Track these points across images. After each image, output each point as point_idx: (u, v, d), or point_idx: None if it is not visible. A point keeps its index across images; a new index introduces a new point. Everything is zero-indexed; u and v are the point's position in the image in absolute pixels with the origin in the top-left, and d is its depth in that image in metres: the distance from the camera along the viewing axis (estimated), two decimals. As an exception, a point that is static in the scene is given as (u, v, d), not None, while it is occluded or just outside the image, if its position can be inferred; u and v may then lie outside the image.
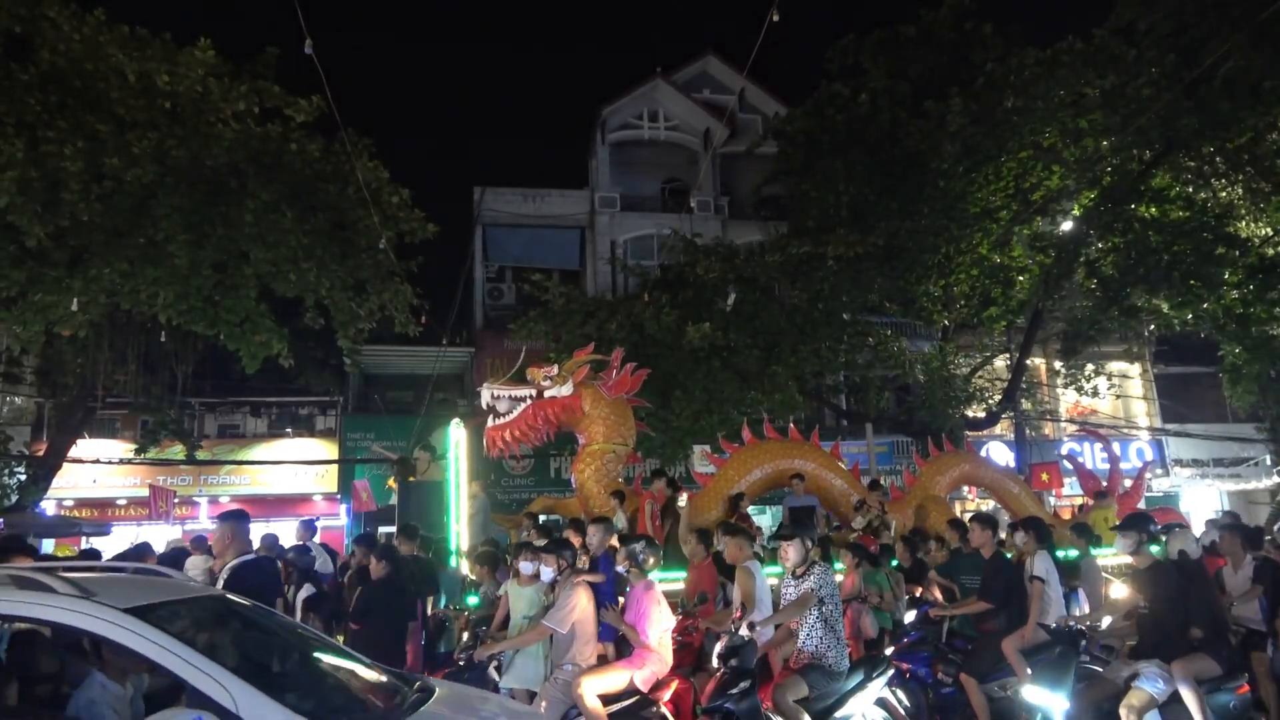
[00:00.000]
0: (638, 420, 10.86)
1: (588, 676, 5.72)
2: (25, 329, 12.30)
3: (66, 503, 19.54)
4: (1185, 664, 5.50)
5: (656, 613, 6.03)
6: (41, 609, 3.29)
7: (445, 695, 4.10)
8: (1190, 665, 5.49)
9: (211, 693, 3.09)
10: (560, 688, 5.80)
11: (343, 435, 21.53)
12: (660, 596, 6.22)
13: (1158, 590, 5.82)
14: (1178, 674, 5.48)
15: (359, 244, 14.22)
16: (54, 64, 11.97)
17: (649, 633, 5.91)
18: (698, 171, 23.25)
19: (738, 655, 5.70)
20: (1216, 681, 5.52)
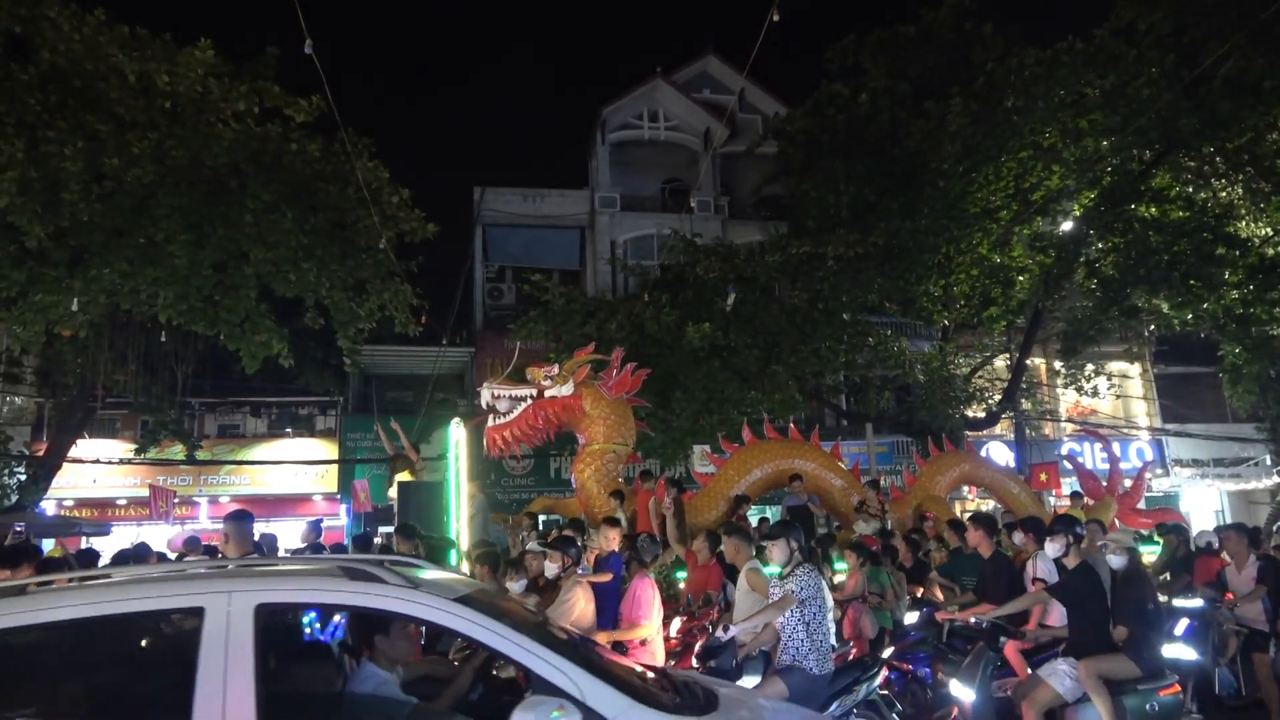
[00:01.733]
0: (638, 420, 10.88)
1: None
2: (25, 329, 12.29)
3: (66, 503, 19.52)
4: (1092, 663, 5.52)
5: (653, 606, 6.03)
6: (378, 599, 3.40)
7: (729, 692, 4.11)
8: (1097, 664, 5.52)
9: (555, 679, 3.15)
10: None
11: (343, 435, 21.52)
12: (656, 592, 6.23)
13: (1078, 591, 5.90)
14: (1082, 673, 5.52)
15: (359, 244, 14.21)
16: (54, 64, 11.96)
17: (646, 623, 5.93)
18: (698, 171, 23.25)
19: (715, 656, 5.69)
20: (1134, 682, 5.53)
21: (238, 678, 3.01)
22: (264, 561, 5.14)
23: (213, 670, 3.02)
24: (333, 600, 3.60)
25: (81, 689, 3.55)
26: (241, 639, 3.08)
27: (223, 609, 3.14)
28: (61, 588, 3.60)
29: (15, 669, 3.42)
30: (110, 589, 3.50)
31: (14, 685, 3.37)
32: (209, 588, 3.29)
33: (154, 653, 3.77)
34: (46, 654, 3.47)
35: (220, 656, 3.04)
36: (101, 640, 3.46)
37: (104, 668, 3.59)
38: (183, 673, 3.07)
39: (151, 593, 3.40)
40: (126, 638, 3.61)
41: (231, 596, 3.19)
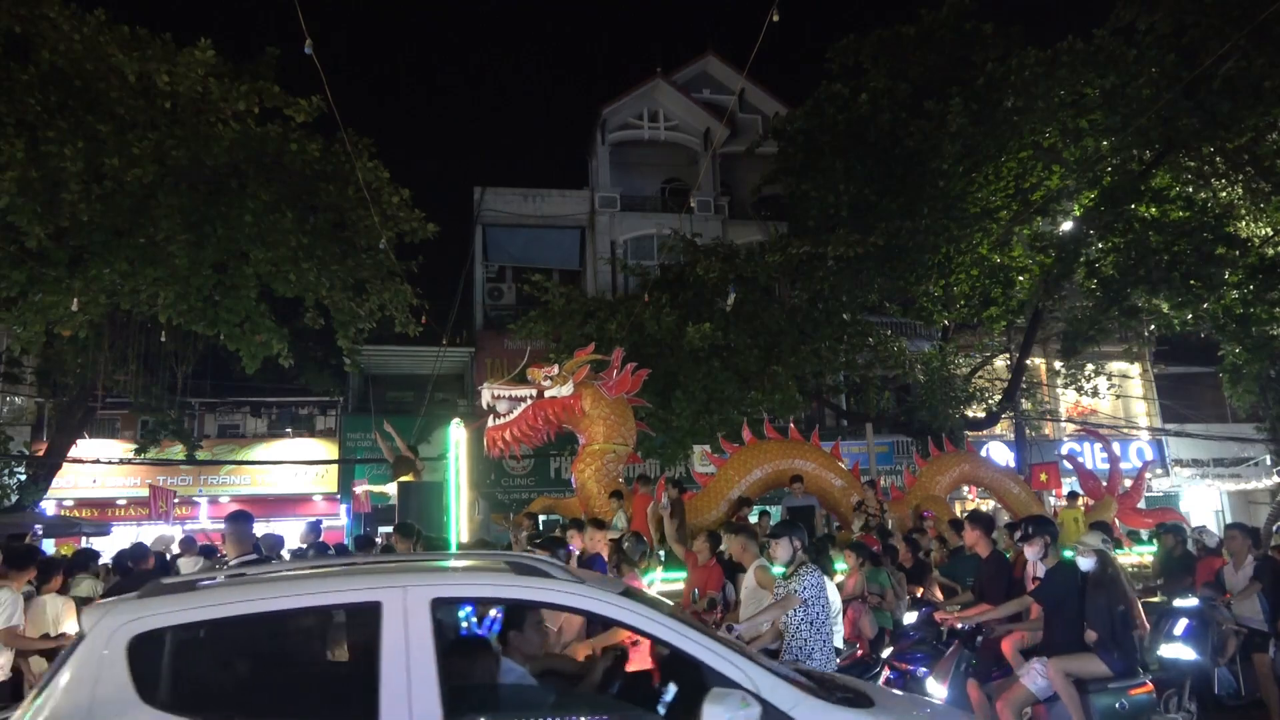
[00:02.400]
0: (638, 420, 10.87)
1: None
2: (26, 329, 12.29)
3: (67, 503, 19.52)
4: (1062, 662, 5.58)
5: None
6: (547, 593, 3.52)
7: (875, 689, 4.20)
8: (1067, 663, 5.58)
9: (729, 672, 3.20)
10: None
11: (343, 435, 21.52)
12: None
13: (1054, 591, 5.97)
14: (1051, 671, 5.59)
15: (359, 244, 14.22)
16: (54, 64, 11.95)
17: None
18: (698, 171, 23.24)
19: None
20: (1104, 682, 5.58)
21: (420, 670, 3.10)
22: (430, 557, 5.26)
23: (395, 662, 3.11)
24: (504, 594, 3.73)
25: (271, 679, 3.68)
26: (420, 632, 3.17)
27: (399, 603, 3.22)
28: (241, 582, 3.69)
29: (211, 659, 3.55)
30: (291, 584, 3.61)
31: (211, 674, 3.52)
32: (384, 582, 3.40)
33: (335, 645, 3.89)
34: (237, 645, 3.59)
35: (401, 649, 3.12)
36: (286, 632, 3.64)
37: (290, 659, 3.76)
38: (365, 665, 3.18)
39: (330, 587, 3.50)
40: (308, 630, 3.77)
41: (407, 591, 3.28)
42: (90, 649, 3.14)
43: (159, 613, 3.25)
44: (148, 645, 3.16)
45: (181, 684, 3.23)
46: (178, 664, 3.25)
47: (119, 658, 3.10)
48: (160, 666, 3.19)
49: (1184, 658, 7.22)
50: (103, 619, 3.20)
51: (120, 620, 3.18)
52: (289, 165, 13.21)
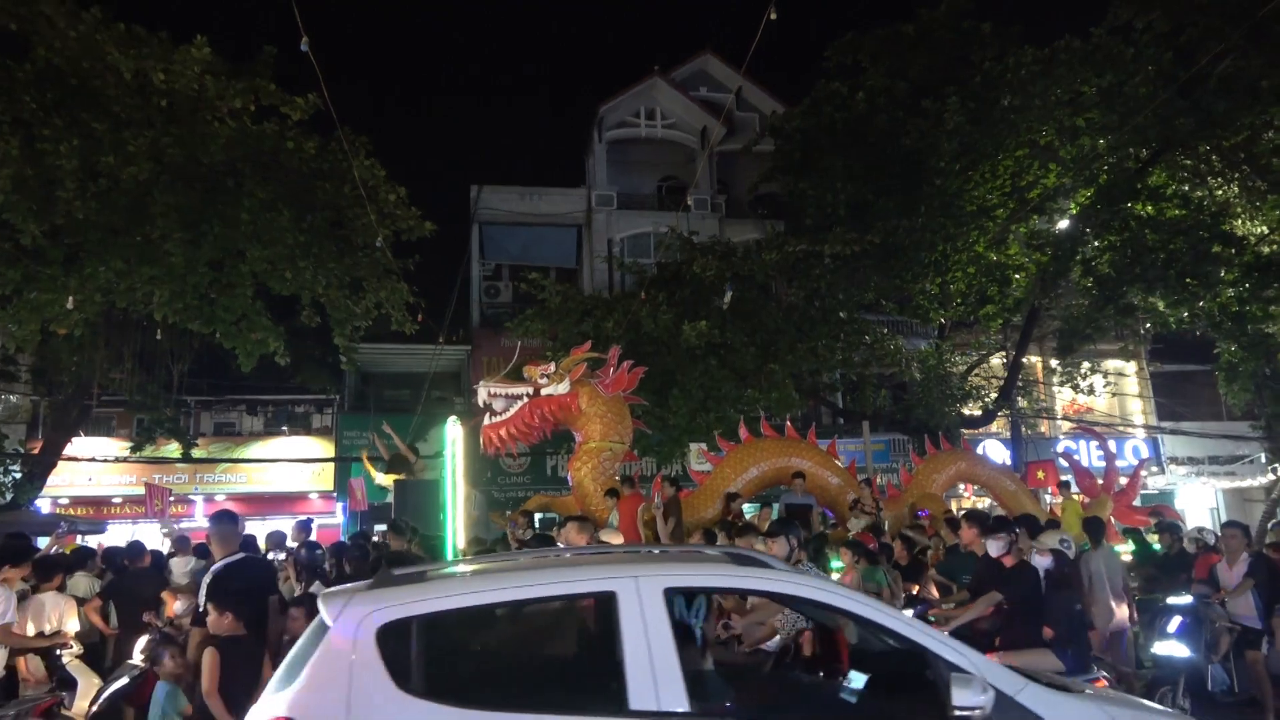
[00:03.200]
0: (635, 418, 10.87)
1: None
2: (21, 327, 12.28)
3: (62, 501, 19.50)
4: (1010, 656, 5.59)
5: None
6: (770, 583, 3.68)
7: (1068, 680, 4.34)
8: (1016, 658, 5.57)
9: (954, 659, 3.32)
10: None
11: (339, 433, 21.51)
12: None
13: (1015, 589, 6.07)
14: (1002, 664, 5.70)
15: (356, 242, 14.21)
16: (50, 61, 11.92)
17: None
18: (695, 170, 23.20)
19: None
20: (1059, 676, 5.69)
21: (662, 656, 3.21)
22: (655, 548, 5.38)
23: (637, 650, 3.22)
24: (732, 585, 3.90)
25: (516, 666, 3.85)
26: (657, 620, 3.28)
27: (634, 592, 3.34)
28: (478, 573, 3.83)
29: (458, 647, 3.73)
30: (527, 574, 3.74)
31: (460, 662, 3.68)
32: (617, 573, 3.52)
33: (575, 632, 4.03)
34: (480, 633, 3.77)
35: (641, 637, 3.24)
36: (525, 621, 3.79)
37: (531, 647, 3.92)
38: (606, 652, 3.31)
39: (564, 578, 3.67)
40: (544, 619, 3.92)
41: (640, 581, 3.40)
42: (337, 639, 3.26)
43: (402, 603, 3.39)
44: (395, 634, 3.28)
45: (433, 671, 3.33)
46: (428, 652, 3.34)
47: (369, 647, 3.22)
48: (410, 655, 3.30)
49: (1178, 655, 7.25)
50: (345, 610, 3.32)
51: (364, 611, 3.31)
52: (286, 163, 13.21)
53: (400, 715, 3.15)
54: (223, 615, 5.07)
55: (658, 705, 3.12)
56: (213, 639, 5.01)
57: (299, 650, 3.50)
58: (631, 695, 3.13)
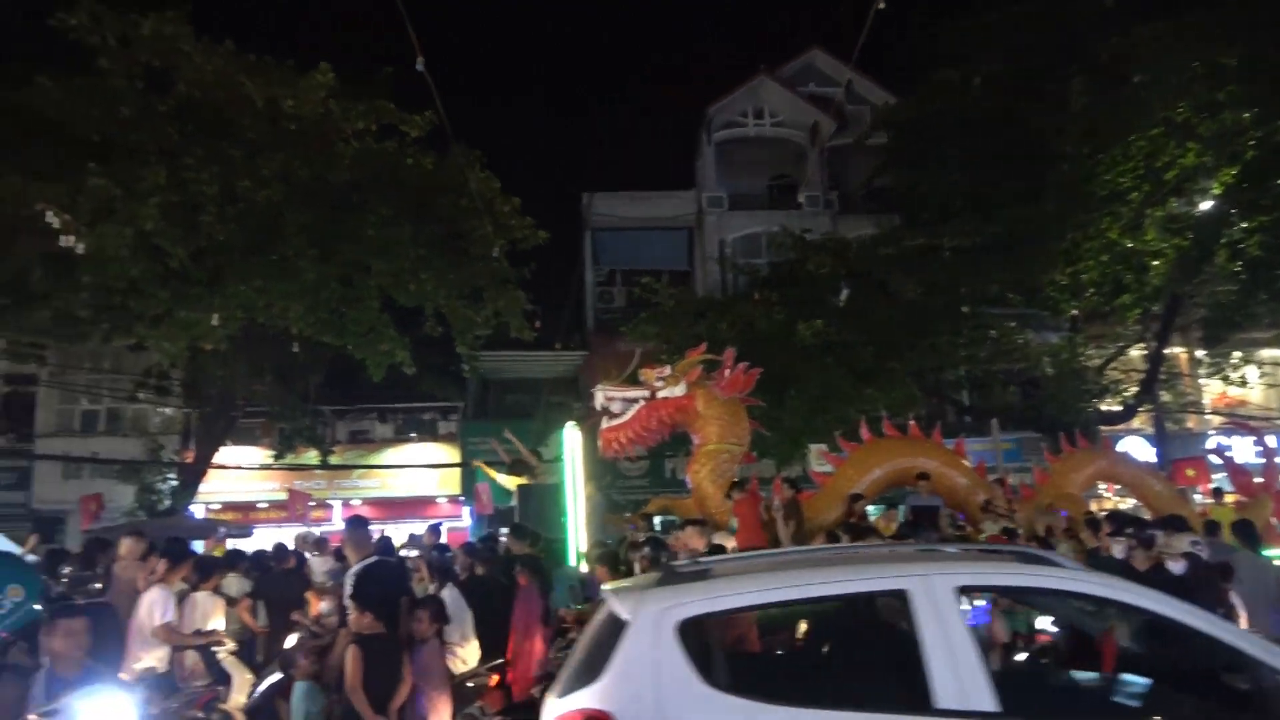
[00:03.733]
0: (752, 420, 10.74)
1: None
2: (172, 345, 13.16)
3: (213, 506, 20.70)
4: None
5: None
6: (1063, 582, 3.63)
7: None
8: None
9: (1268, 660, 3.27)
10: None
11: (464, 439, 22.13)
12: None
13: None
14: None
15: (473, 253, 14.63)
16: (190, 95, 12.75)
17: None
18: (805, 166, 22.83)
19: None
20: None
21: (963, 655, 3.21)
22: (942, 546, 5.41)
23: (937, 649, 3.22)
24: (1023, 583, 3.82)
25: (814, 663, 3.90)
26: (952, 619, 3.29)
27: (925, 591, 3.34)
28: (767, 570, 3.88)
29: (756, 643, 3.80)
30: (816, 571, 3.79)
31: (759, 658, 3.78)
32: (906, 570, 3.55)
33: (867, 630, 4.03)
34: (776, 629, 3.88)
35: (939, 636, 3.24)
36: (816, 618, 3.84)
37: (825, 644, 3.93)
38: (903, 651, 3.31)
39: (854, 575, 3.70)
40: (834, 616, 3.95)
41: (931, 579, 3.40)
42: (639, 635, 3.33)
43: (698, 599, 3.45)
44: (695, 630, 3.36)
45: (736, 666, 3.43)
46: (728, 647, 3.46)
47: (671, 642, 3.29)
48: (712, 650, 3.40)
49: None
50: (642, 607, 3.41)
51: (660, 607, 3.39)
52: (405, 179, 13.72)
53: (709, 709, 3.20)
54: (363, 614, 5.28)
55: (964, 704, 3.08)
56: (355, 637, 5.23)
57: (590, 646, 3.61)
58: (936, 694, 3.11)
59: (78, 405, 21.00)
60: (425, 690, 5.69)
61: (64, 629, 4.13)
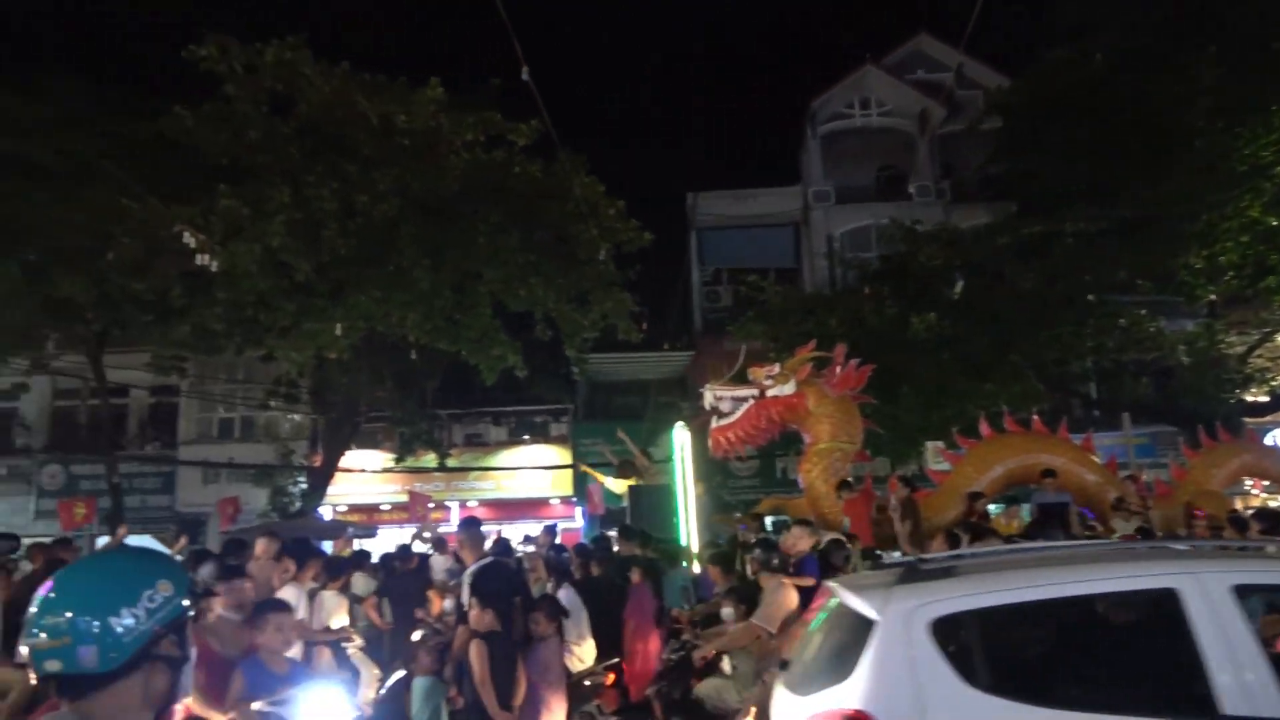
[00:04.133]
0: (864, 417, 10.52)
1: None
2: (299, 354, 13.84)
3: (340, 508, 21.61)
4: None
5: None
6: None
7: None
8: None
9: None
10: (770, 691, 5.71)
11: (575, 441, 22.44)
12: None
13: None
14: None
15: (580, 257, 14.83)
16: (310, 116, 13.39)
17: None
18: (914, 156, 22.23)
19: None
20: None
21: (1248, 658, 3.08)
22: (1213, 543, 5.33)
23: (1218, 651, 3.10)
24: None
25: (1080, 665, 3.79)
26: (1231, 620, 3.16)
27: (1197, 589, 3.22)
28: (1020, 567, 3.85)
29: (1017, 643, 3.74)
30: (1074, 569, 3.74)
31: (1022, 659, 3.70)
32: (1174, 569, 3.47)
33: (1131, 630, 3.90)
34: (1037, 629, 3.79)
35: (1219, 637, 3.12)
36: (1078, 617, 3.76)
37: (1088, 644, 3.83)
38: (1176, 652, 3.20)
39: (1114, 573, 3.62)
40: (1096, 615, 3.84)
41: (1203, 577, 3.30)
42: (890, 634, 3.32)
43: (952, 597, 3.43)
44: (951, 628, 3.33)
45: (998, 667, 3.35)
46: (988, 647, 3.39)
47: (926, 641, 3.27)
48: (971, 650, 3.34)
49: None
50: (890, 605, 3.40)
51: (910, 605, 3.38)
52: (513, 188, 14.04)
53: (974, 711, 3.14)
54: (484, 612, 5.41)
55: (1254, 711, 2.95)
56: (478, 634, 5.36)
57: (825, 643, 3.59)
58: (1221, 700, 2.98)
59: (215, 414, 22.30)
60: (542, 687, 5.78)
61: (274, 623, 4.26)
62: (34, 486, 21.08)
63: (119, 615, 1.65)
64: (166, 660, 1.74)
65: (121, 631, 1.65)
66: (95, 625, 1.63)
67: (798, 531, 6.98)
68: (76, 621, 1.63)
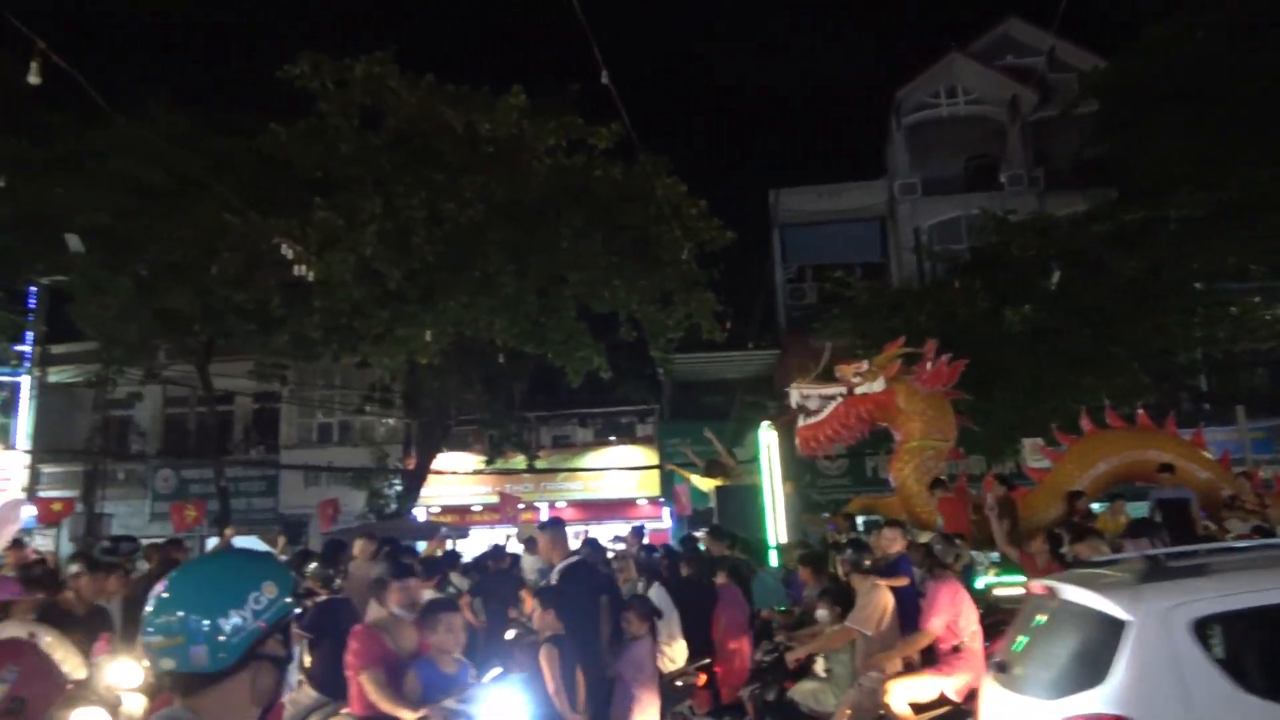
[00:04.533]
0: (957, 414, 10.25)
1: (895, 683, 5.48)
2: (392, 360, 14.24)
3: (433, 509, 22.13)
4: None
5: (951, 609, 5.63)
6: None
7: None
8: None
9: None
10: (867, 694, 5.61)
11: (661, 441, 22.48)
12: (962, 596, 5.79)
13: None
14: None
15: (662, 257, 14.86)
16: (398, 127, 13.78)
17: (932, 623, 5.57)
18: (1005, 144, 21.53)
19: None
20: None
21: None
22: None
23: None
24: None
25: None
26: None
27: None
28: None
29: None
30: None
31: None
32: None
33: None
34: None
35: None
36: None
37: None
38: None
39: None
40: None
41: None
42: (1147, 635, 3.23)
43: (1212, 596, 3.32)
44: (1213, 629, 3.22)
45: (1272, 671, 3.21)
46: (1255, 649, 3.27)
47: (1187, 642, 3.18)
48: (1243, 652, 3.23)
49: None
50: (1143, 604, 3.32)
51: (1168, 604, 3.28)
52: (595, 191, 14.17)
53: (1246, 716, 3.05)
54: (546, 614, 5.42)
55: None
56: (547, 637, 5.36)
57: (1069, 646, 3.50)
58: None
59: (314, 419, 23.13)
60: (635, 686, 5.80)
61: (445, 623, 4.32)
62: (149, 490, 22.23)
63: (227, 616, 1.72)
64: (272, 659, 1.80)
65: (230, 632, 1.72)
66: (205, 625, 1.70)
67: (890, 533, 6.84)
68: (188, 621, 1.71)
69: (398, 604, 4.80)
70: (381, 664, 4.33)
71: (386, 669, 4.33)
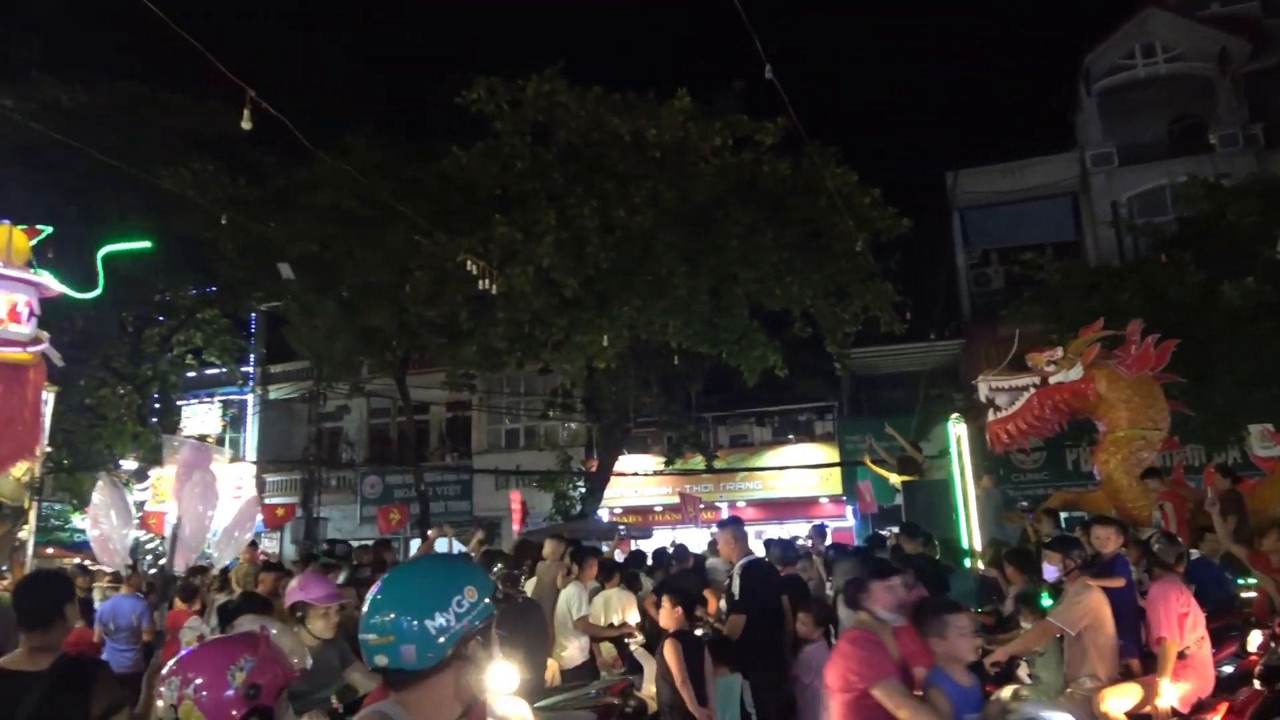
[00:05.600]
0: (1170, 399, 9.43)
1: (1111, 691, 5.06)
2: (572, 366, 14.70)
3: (616, 510, 22.65)
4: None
5: (1175, 613, 5.14)
6: None
7: None
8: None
9: None
10: (1079, 703, 5.22)
11: (841, 438, 22.01)
12: (1187, 598, 5.28)
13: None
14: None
15: (835, 250, 14.55)
16: (568, 140, 14.24)
17: (1172, 632, 5.10)
18: (1214, 102, 19.61)
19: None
20: None
21: None
22: None
23: None
24: None
25: None
26: None
27: None
28: None
29: None
30: None
31: None
32: None
33: None
34: None
35: None
36: None
37: None
38: None
39: None
40: None
41: None
42: None
43: None
44: None
45: None
46: None
47: None
48: None
49: None
50: None
51: None
52: (763, 186, 14.07)
53: None
54: (674, 610, 5.36)
55: None
56: (672, 633, 5.29)
57: None
58: None
59: (502, 425, 24.28)
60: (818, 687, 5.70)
61: (955, 626, 3.66)
62: (358, 495, 24.05)
63: (433, 617, 1.83)
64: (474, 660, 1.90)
65: (435, 632, 1.83)
66: (414, 625, 1.82)
67: (1104, 532, 6.35)
68: (399, 621, 1.83)
69: (884, 606, 4.00)
70: (897, 674, 3.67)
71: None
